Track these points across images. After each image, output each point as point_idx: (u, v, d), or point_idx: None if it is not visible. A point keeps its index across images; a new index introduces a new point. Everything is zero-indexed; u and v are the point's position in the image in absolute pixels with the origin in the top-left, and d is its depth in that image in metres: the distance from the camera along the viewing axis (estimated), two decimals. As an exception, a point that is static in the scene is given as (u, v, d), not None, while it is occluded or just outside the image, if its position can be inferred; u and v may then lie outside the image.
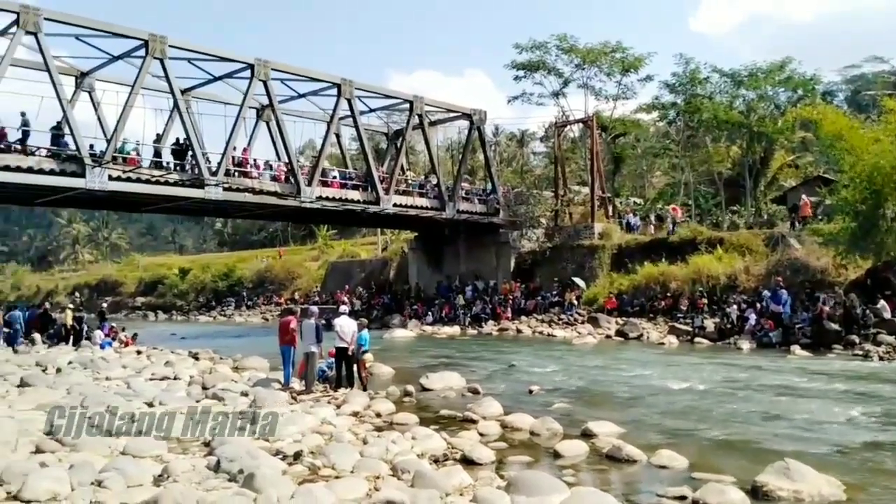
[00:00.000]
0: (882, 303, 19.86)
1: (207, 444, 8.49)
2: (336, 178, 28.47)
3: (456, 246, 35.01)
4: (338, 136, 31.99)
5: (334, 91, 27.30)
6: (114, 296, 56.30)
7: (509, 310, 30.22)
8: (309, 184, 25.94)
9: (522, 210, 33.66)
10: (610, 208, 34.77)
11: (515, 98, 39.43)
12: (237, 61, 24.79)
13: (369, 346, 14.54)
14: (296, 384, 13.13)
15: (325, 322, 14.25)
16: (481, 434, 9.59)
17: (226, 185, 23.76)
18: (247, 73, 24.62)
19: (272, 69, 24.91)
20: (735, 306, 23.18)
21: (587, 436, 9.36)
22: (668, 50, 55.63)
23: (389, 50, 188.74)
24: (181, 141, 24.24)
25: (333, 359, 13.65)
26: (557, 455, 8.52)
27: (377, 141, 42.73)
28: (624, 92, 38.23)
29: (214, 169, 23.60)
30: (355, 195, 28.24)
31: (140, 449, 7.94)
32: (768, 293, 22.44)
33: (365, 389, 13.13)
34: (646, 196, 44.80)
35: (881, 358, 17.36)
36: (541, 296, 30.63)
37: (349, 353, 13.24)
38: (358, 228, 55.33)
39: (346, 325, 13.28)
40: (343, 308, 15.49)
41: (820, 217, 27.52)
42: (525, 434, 9.80)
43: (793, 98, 36.38)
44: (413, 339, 27.09)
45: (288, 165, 26.21)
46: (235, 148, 25.15)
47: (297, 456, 7.93)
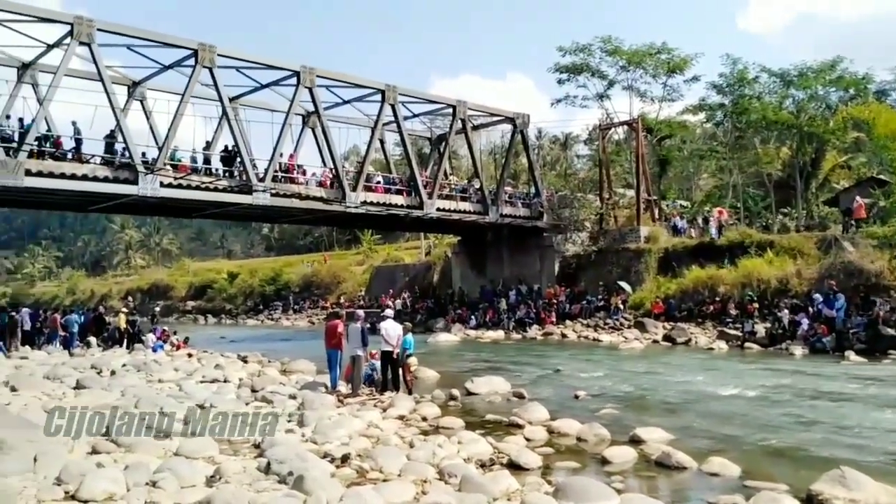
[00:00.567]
0: (942, 307, 19.24)
1: (257, 446, 8.64)
2: (380, 183, 28.71)
3: (499, 250, 34.94)
4: (382, 142, 32.25)
5: (378, 97, 27.53)
6: (165, 300, 57.60)
7: (554, 314, 30.02)
8: (354, 189, 26.20)
9: (567, 213, 33.45)
10: (656, 211, 34.30)
11: (559, 101, 39.14)
12: (283, 69, 25.20)
13: (414, 350, 14.62)
14: (342, 387, 13.26)
15: (370, 326, 14.36)
16: (528, 439, 9.56)
17: (273, 191, 24.16)
18: (293, 81, 25.00)
19: (317, 76, 25.24)
20: (786, 311, 22.66)
21: (636, 442, 9.25)
22: (715, 50, 54.88)
23: (432, 55, 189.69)
24: (230, 148, 24.72)
25: (375, 361, 13.78)
26: (605, 461, 8.44)
27: (420, 146, 42.93)
28: (670, 93, 37.76)
29: (262, 175, 24.01)
30: (399, 200, 28.44)
31: (192, 450, 8.10)
32: (821, 297, 21.90)
33: (410, 393, 13.19)
34: (693, 199, 44.07)
35: (941, 364, 16.81)
36: (586, 300, 30.36)
37: (394, 357, 13.33)
38: (402, 233, 55.65)
39: (392, 329, 13.35)
40: (388, 312, 15.59)
41: (874, 219, 26.74)
42: (572, 440, 9.73)
43: (844, 98, 35.38)
44: (457, 344, 27.13)
45: (333, 171, 26.52)
46: (282, 154, 25.55)
47: (345, 459, 8.01)
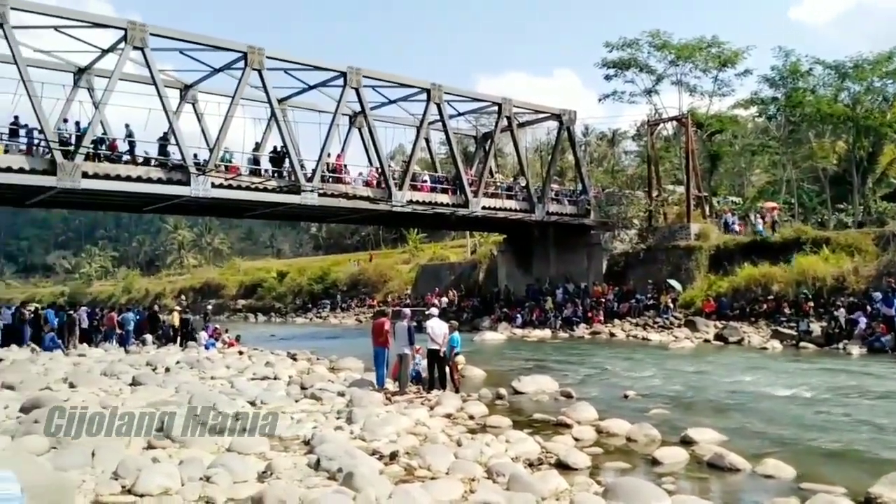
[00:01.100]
0: None
1: (307, 443, 8.75)
2: (426, 182, 28.80)
3: (546, 248, 34.71)
4: (427, 141, 32.33)
5: (424, 96, 27.63)
6: (216, 298, 58.67)
7: (602, 313, 29.71)
8: (400, 188, 26.34)
9: (614, 211, 33.05)
10: (707, 208, 33.68)
11: (606, 97, 38.75)
12: (330, 70, 25.47)
13: (461, 348, 14.62)
14: (390, 385, 13.34)
15: (417, 324, 14.41)
16: (576, 439, 9.47)
17: (321, 191, 24.45)
18: (339, 82, 25.24)
19: (364, 76, 25.43)
20: (843, 309, 22.04)
21: (687, 443, 9.09)
22: (766, 42, 53.63)
23: (478, 53, 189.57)
24: (278, 149, 25.09)
25: (420, 357, 13.83)
26: (656, 462, 8.32)
27: (466, 144, 42.92)
28: (720, 88, 37.06)
29: (310, 175, 24.30)
30: (444, 198, 28.48)
31: (244, 446, 8.24)
32: (879, 295, 21.23)
33: (457, 391, 13.20)
34: (745, 195, 43.12)
35: None
36: (634, 298, 29.96)
37: (441, 355, 13.36)
38: (447, 231, 55.73)
39: (438, 327, 13.36)
40: (434, 310, 15.61)
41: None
42: (621, 440, 9.61)
43: (902, 89, 34.23)
44: (503, 342, 27.05)
45: (379, 170, 26.70)
46: (330, 154, 25.83)
47: (394, 456, 8.05)
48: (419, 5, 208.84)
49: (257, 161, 24.78)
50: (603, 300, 30.61)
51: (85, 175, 19.81)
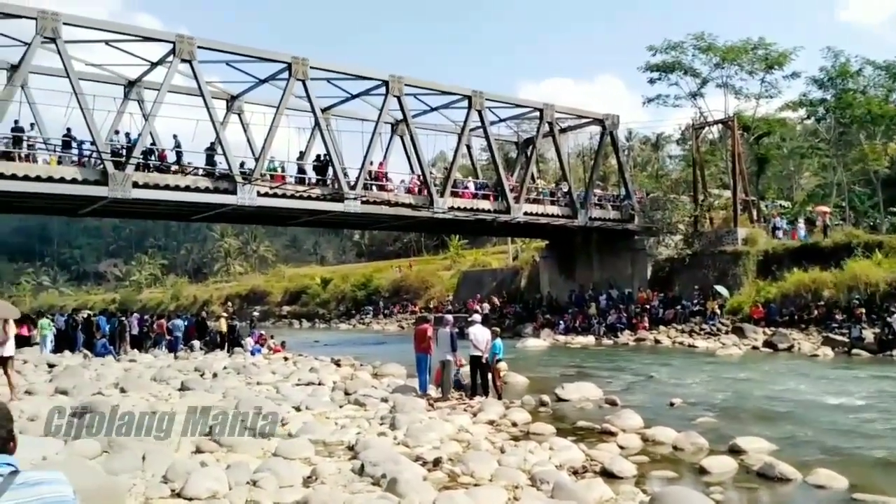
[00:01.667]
0: None
1: (351, 448, 8.81)
2: (467, 189, 28.82)
3: (589, 254, 34.42)
4: (468, 147, 32.39)
5: (465, 103, 27.71)
6: (262, 305, 59.52)
7: (646, 319, 29.32)
8: (441, 195, 26.42)
9: (659, 216, 32.62)
10: (754, 212, 33.00)
11: (650, 101, 38.20)
12: (373, 79, 25.72)
13: (503, 355, 14.57)
14: (432, 391, 13.36)
15: (459, 330, 14.40)
16: (621, 447, 9.35)
17: (363, 199, 24.67)
18: (382, 90, 25.48)
19: (405, 84, 25.62)
20: (898, 315, 21.36)
21: (735, 452, 8.91)
22: (815, 43, 52.65)
23: (519, 60, 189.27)
24: (322, 157, 25.39)
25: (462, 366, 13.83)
26: (703, 471, 8.16)
27: (507, 150, 42.83)
28: (767, 90, 36.25)
29: (353, 183, 24.54)
30: (486, 205, 28.47)
31: (290, 451, 8.33)
32: (937, 301, 20.52)
33: (500, 398, 13.15)
34: (794, 199, 42.13)
35: None
36: (680, 305, 29.50)
37: (483, 362, 13.33)
38: (489, 238, 55.64)
39: (480, 334, 13.35)
40: (476, 317, 15.59)
41: None
42: (667, 448, 9.45)
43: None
44: (546, 349, 26.87)
45: (421, 178, 26.82)
46: (372, 162, 26.05)
47: (437, 462, 8.05)
48: (460, 14, 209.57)
49: (301, 170, 25.11)
50: (648, 306, 30.20)
51: (135, 185, 20.34)
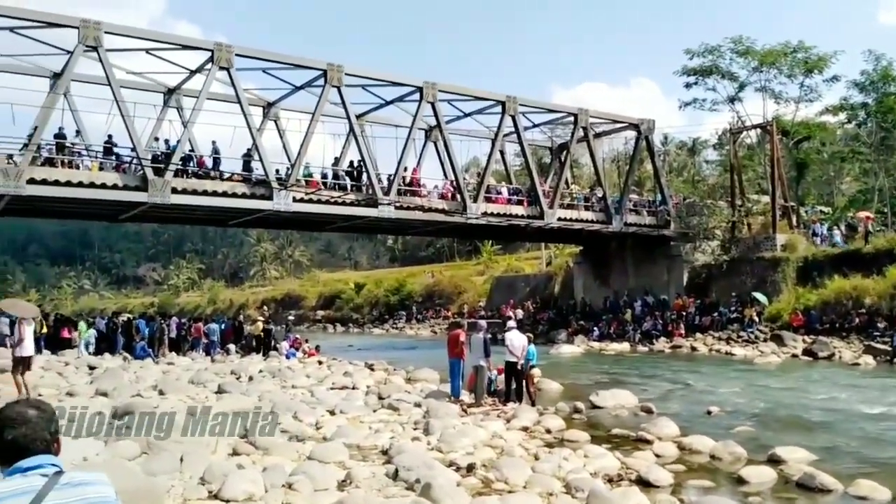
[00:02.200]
0: None
1: (385, 453, 8.83)
2: (501, 194, 28.77)
3: (624, 260, 34.11)
4: (502, 153, 32.34)
5: (499, 109, 27.68)
6: (297, 309, 59.99)
7: (682, 326, 28.92)
8: (474, 200, 26.41)
9: (695, 221, 32.17)
10: (794, 218, 32.39)
11: (686, 105, 37.72)
12: (407, 85, 25.84)
13: (537, 361, 14.49)
14: (465, 397, 13.34)
15: (492, 336, 14.35)
16: (657, 455, 9.22)
17: (397, 204, 24.77)
18: (416, 96, 25.58)
19: (439, 91, 25.69)
20: (945, 324, 20.79)
21: (774, 462, 8.73)
22: (856, 46, 51.66)
23: (553, 65, 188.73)
24: (356, 163, 25.57)
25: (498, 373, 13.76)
26: (741, 481, 8.02)
27: (541, 155, 42.68)
28: (807, 94, 35.55)
29: (387, 189, 24.66)
30: (520, 210, 28.39)
31: (324, 454, 8.39)
32: None
33: (534, 405, 13.08)
34: (834, 204, 41.25)
35: None
36: (717, 312, 29.07)
37: (518, 368, 13.27)
38: (522, 243, 55.48)
39: (517, 340, 13.30)
40: (512, 322, 15.56)
41: None
42: (705, 457, 9.30)
43: None
44: (580, 355, 26.66)
45: (454, 183, 26.85)
46: (406, 168, 26.15)
47: (471, 468, 8.03)
48: (494, 20, 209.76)
49: (336, 175, 25.32)
50: (684, 313, 29.81)
51: (174, 191, 20.68)
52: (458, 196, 26.38)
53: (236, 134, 23.01)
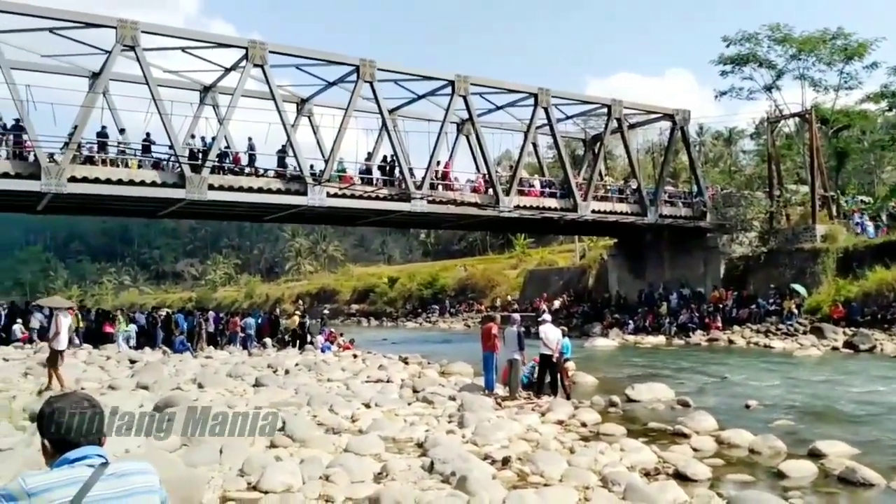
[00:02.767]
0: None
1: (420, 446, 8.88)
2: (533, 187, 28.66)
3: (659, 252, 33.77)
4: (535, 145, 32.19)
5: (531, 101, 27.54)
6: (331, 303, 60.56)
7: (719, 319, 28.56)
8: (507, 193, 26.34)
9: (732, 212, 31.72)
10: (834, 208, 31.73)
11: (723, 94, 37.13)
12: (438, 79, 25.84)
13: (571, 355, 14.43)
14: (499, 390, 13.34)
15: (525, 329, 14.32)
16: (695, 449, 9.13)
17: (430, 198, 24.82)
18: (448, 90, 25.57)
19: (471, 84, 25.64)
20: None
21: (815, 456, 8.59)
22: (894, 31, 50.26)
23: (586, 56, 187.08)
24: (389, 158, 25.67)
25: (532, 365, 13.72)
26: (781, 475, 7.90)
27: (574, 147, 42.39)
28: (847, 81, 34.79)
29: (419, 183, 24.71)
30: (552, 203, 28.24)
31: (360, 447, 8.44)
32: None
33: (568, 398, 13.02)
34: (875, 193, 40.30)
35: None
36: (755, 304, 28.63)
37: (553, 361, 13.24)
38: (555, 236, 55.21)
39: (551, 333, 13.26)
40: (546, 316, 15.50)
41: None
42: (743, 451, 9.19)
43: None
44: (615, 349, 26.48)
45: (487, 176, 26.81)
46: (439, 162, 26.17)
47: (506, 461, 8.04)
48: (527, 12, 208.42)
49: (369, 170, 25.44)
50: (721, 306, 29.46)
51: (211, 187, 20.98)
52: (491, 189, 26.34)
53: (271, 130, 23.24)
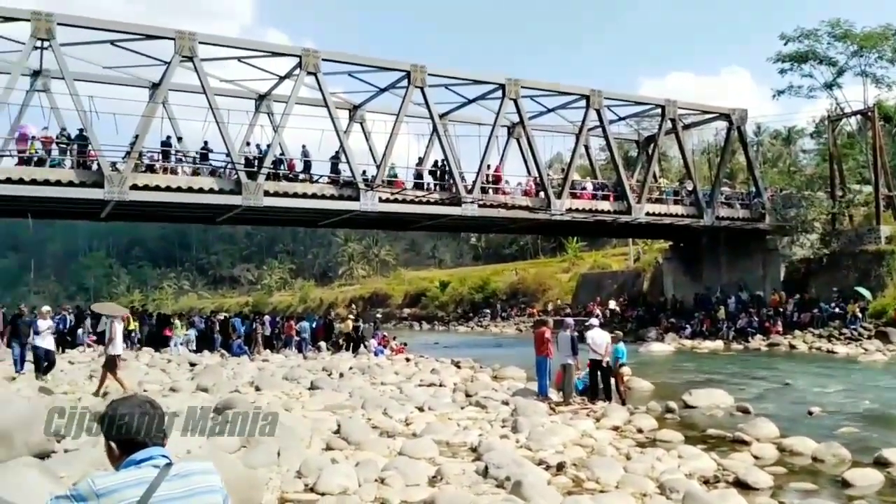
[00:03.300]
0: None
1: (474, 450, 8.88)
2: (586, 190, 28.39)
3: (716, 255, 33.05)
4: (586, 147, 31.89)
5: (583, 103, 27.30)
6: (384, 307, 60.87)
7: (780, 323, 27.81)
8: (559, 196, 26.15)
9: (792, 214, 30.84)
10: (900, 208, 30.61)
11: (781, 93, 36.12)
12: (489, 83, 25.85)
13: (626, 360, 14.23)
14: (553, 395, 13.24)
15: (578, 334, 14.17)
16: (755, 457, 8.89)
17: (481, 202, 24.82)
18: (498, 94, 25.53)
19: (522, 87, 25.56)
20: None
21: (881, 464, 8.29)
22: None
23: (639, 56, 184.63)
24: (440, 162, 25.77)
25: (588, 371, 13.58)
26: (846, 484, 7.65)
27: (627, 149, 41.86)
28: (911, 77, 33.51)
29: (470, 187, 24.74)
30: (605, 205, 27.92)
31: (415, 450, 8.49)
32: None
33: (624, 404, 12.85)
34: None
35: None
36: (817, 308, 27.78)
37: (604, 366, 13.08)
38: (608, 239, 54.58)
39: (599, 337, 13.13)
40: (594, 320, 15.31)
41: None
42: (806, 459, 8.92)
43: None
44: (671, 354, 26.00)
45: (538, 179, 26.67)
46: (489, 166, 26.16)
47: (561, 467, 7.97)
48: (578, 13, 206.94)
49: (420, 175, 25.58)
50: (781, 309, 28.68)
51: (266, 193, 21.41)
52: (542, 192, 26.19)
53: (324, 137, 23.61)
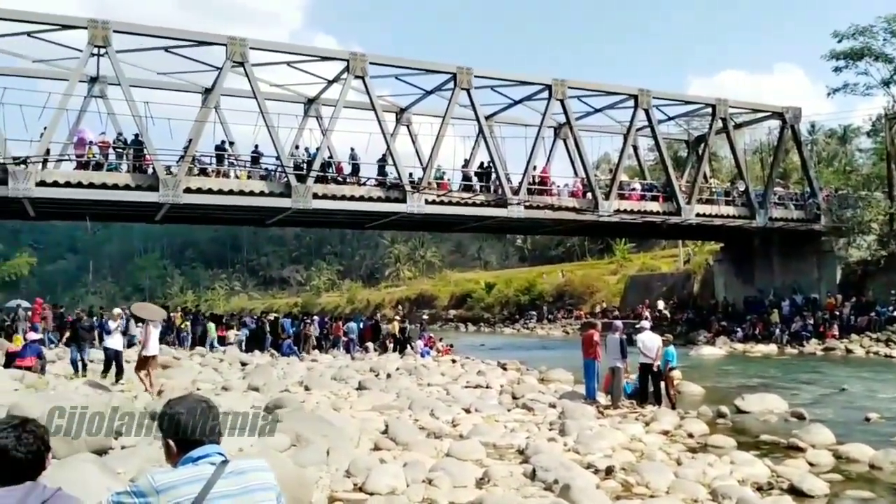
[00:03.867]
0: None
1: (521, 452, 8.86)
2: (634, 190, 28.04)
3: (769, 257, 32.29)
4: (635, 148, 31.49)
5: (631, 103, 26.97)
6: (429, 309, 61.06)
7: (836, 327, 27.02)
8: (606, 197, 25.88)
9: (849, 214, 29.96)
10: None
11: (835, 91, 35.18)
12: (535, 83, 25.73)
13: (677, 363, 14.02)
14: (601, 398, 13.13)
15: (626, 336, 14.01)
16: (811, 463, 8.68)
17: (527, 204, 24.71)
18: (545, 95, 25.40)
19: (569, 87, 25.38)
20: None
21: (944, 474, 8.02)
22: None
23: (689, 55, 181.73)
24: (486, 164, 25.75)
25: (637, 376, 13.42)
26: (907, 494, 7.43)
27: (676, 149, 41.21)
28: (973, 73, 32.25)
29: (516, 188, 24.67)
30: (654, 206, 27.52)
31: (462, 452, 8.53)
32: None
33: (674, 408, 12.66)
34: None
35: None
36: (875, 311, 26.94)
37: (655, 369, 12.91)
38: (657, 241, 53.81)
39: (650, 341, 12.95)
40: (645, 323, 15.13)
41: None
42: (863, 466, 8.67)
43: None
44: (722, 358, 25.50)
45: (585, 181, 26.45)
46: (535, 167, 26.03)
47: (610, 471, 7.91)
48: (626, 12, 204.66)
49: (467, 177, 25.61)
50: (837, 313, 27.87)
51: (315, 196, 21.69)
52: (590, 193, 25.96)
53: (371, 139, 23.81)
